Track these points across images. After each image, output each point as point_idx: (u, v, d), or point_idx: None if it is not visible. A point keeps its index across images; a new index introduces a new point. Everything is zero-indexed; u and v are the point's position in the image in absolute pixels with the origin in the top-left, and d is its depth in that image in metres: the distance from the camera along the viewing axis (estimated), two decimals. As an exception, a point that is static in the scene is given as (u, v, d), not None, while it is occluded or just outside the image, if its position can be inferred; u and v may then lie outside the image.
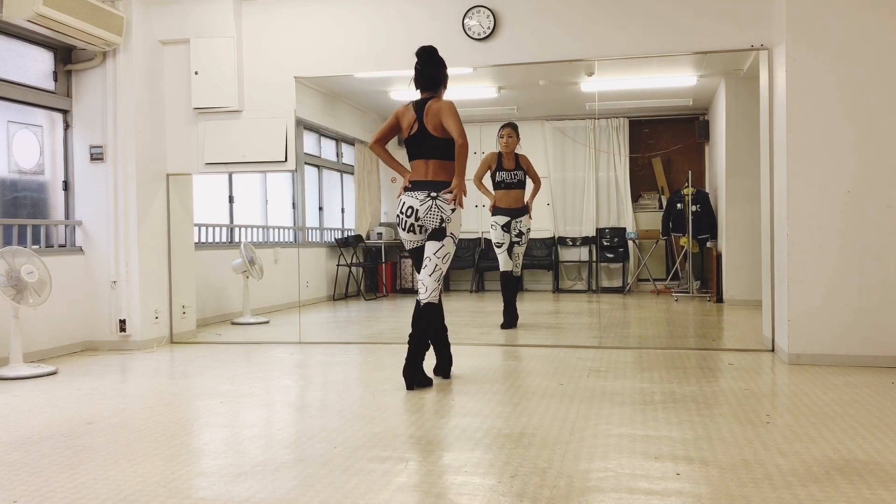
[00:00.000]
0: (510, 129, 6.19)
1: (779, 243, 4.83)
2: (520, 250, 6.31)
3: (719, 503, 2.29)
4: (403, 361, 4.00)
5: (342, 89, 8.05)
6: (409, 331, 4.02)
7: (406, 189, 4.02)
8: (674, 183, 9.21)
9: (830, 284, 4.54)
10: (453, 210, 3.93)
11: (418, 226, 3.99)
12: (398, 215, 4.04)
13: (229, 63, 5.69)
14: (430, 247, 3.97)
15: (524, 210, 6.26)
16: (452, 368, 4.31)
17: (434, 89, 4.04)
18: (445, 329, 4.24)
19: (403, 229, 4.05)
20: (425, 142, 3.96)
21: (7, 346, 4.67)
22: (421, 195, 3.95)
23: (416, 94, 4.10)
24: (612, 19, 5.22)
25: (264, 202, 8.12)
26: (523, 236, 6.26)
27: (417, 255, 4.09)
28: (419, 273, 4.07)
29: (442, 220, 3.93)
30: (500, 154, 6.23)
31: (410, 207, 3.97)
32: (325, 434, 3.12)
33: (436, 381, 4.15)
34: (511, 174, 6.18)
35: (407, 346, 4.01)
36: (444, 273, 4.01)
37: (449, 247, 3.98)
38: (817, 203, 4.56)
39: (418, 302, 4.00)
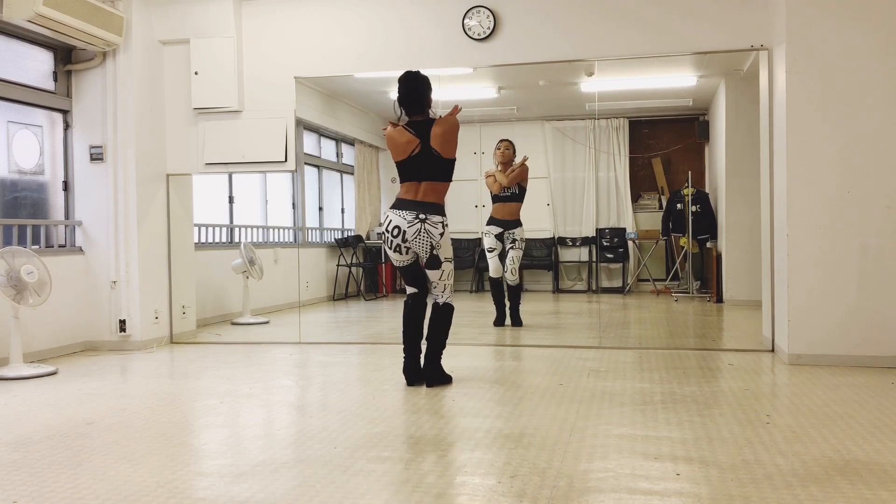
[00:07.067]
0: (507, 143, 6.33)
1: (778, 243, 4.83)
2: (515, 255, 6.31)
3: (719, 503, 2.29)
4: (404, 360, 4.04)
5: (342, 89, 8.04)
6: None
7: (392, 207, 3.95)
8: (674, 183, 9.20)
9: (830, 285, 4.54)
10: (441, 234, 3.89)
11: (405, 247, 3.91)
12: (384, 233, 3.96)
13: (229, 63, 5.69)
14: (431, 274, 3.99)
15: (517, 223, 6.32)
16: (451, 370, 4.30)
17: (424, 112, 3.96)
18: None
19: (390, 248, 3.95)
20: (428, 162, 3.88)
21: (7, 346, 4.66)
22: (409, 216, 3.87)
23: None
24: (612, 20, 5.22)
25: (264, 202, 8.12)
26: (517, 242, 6.30)
27: (405, 271, 4.06)
28: (407, 284, 4.10)
29: (432, 247, 3.89)
30: (496, 170, 6.31)
31: (397, 227, 3.89)
32: (325, 434, 3.12)
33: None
34: (506, 188, 6.25)
35: (403, 345, 4.06)
36: (452, 282, 4.06)
37: (448, 268, 3.99)
38: (817, 203, 4.56)
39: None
